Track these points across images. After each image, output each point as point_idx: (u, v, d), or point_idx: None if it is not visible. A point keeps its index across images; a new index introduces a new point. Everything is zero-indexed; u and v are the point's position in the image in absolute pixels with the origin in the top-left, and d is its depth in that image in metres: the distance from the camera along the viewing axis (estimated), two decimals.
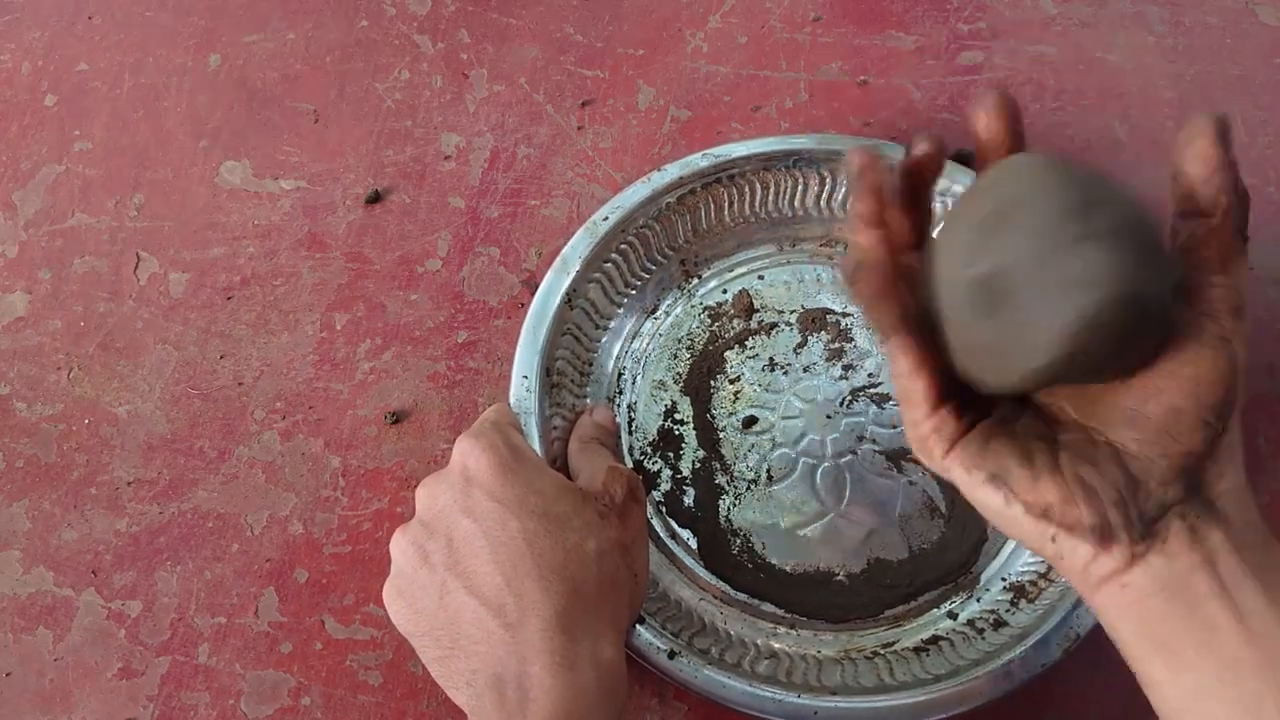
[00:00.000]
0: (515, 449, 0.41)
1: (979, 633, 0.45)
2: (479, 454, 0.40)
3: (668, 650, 0.43)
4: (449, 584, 0.38)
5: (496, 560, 0.37)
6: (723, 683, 0.43)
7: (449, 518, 0.39)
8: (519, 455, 0.41)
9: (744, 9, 0.63)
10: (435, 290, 0.55)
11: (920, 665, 0.44)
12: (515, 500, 0.39)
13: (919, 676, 0.43)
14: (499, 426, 0.42)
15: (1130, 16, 0.62)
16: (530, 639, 0.36)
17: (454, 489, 0.40)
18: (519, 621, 0.37)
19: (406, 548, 0.40)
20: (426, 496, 0.41)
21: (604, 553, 0.39)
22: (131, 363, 0.54)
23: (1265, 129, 0.58)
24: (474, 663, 0.37)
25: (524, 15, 0.63)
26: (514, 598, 0.37)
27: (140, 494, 0.50)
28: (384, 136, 0.59)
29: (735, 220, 0.54)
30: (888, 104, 0.59)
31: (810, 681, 0.44)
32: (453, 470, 0.41)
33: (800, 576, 0.47)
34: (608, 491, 0.41)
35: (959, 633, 0.45)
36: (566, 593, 0.37)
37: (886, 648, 0.45)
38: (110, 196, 0.58)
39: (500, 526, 0.38)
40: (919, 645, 0.45)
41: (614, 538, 0.40)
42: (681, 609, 0.46)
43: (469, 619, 0.37)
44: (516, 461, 0.40)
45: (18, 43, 0.63)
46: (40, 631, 0.48)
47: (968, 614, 0.46)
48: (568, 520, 0.39)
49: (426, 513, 0.40)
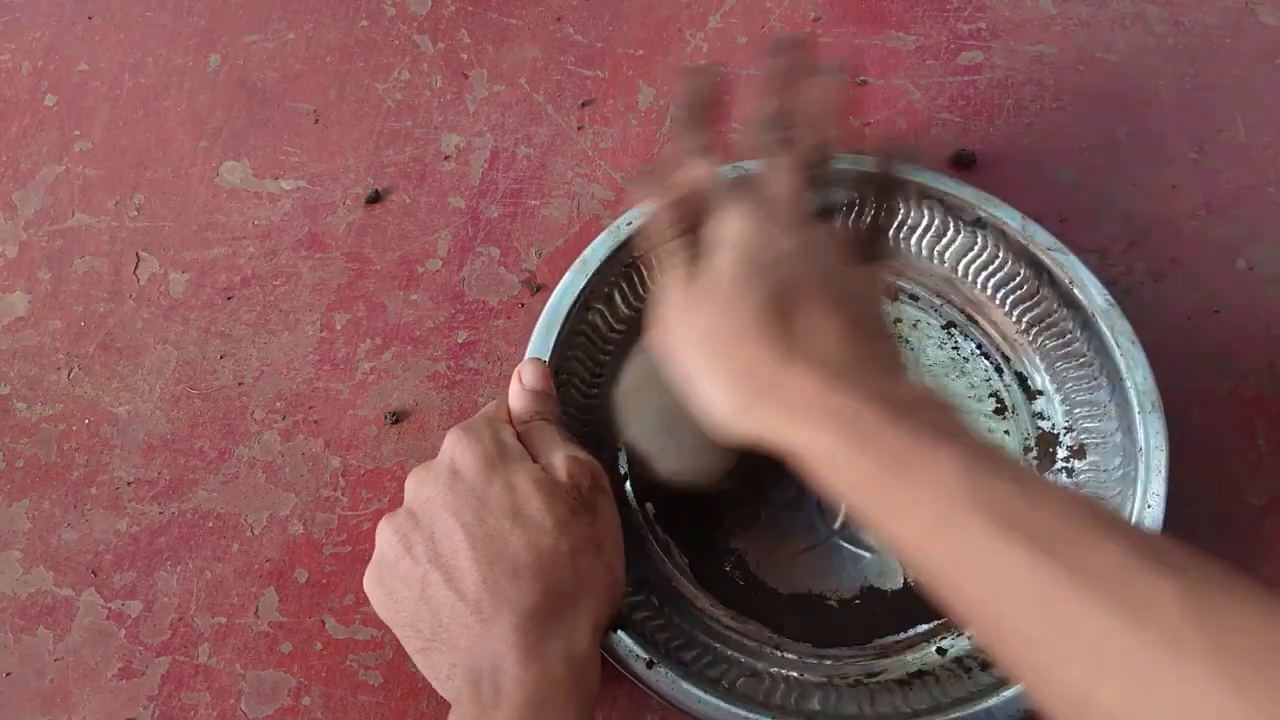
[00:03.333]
0: (501, 444, 0.42)
1: (966, 671, 0.44)
2: (464, 448, 0.41)
3: (646, 659, 0.43)
4: (430, 576, 0.39)
5: (475, 557, 0.38)
6: (699, 697, 0.42)
7: (433, 511, 0.40)
8: (504, 451, 0.41)
9: (744, 9, 0.63)
10: (435, 290, 0.55)
11: (903, 699, 0.43)
12: (495, 498, 0.40)
13: (899, 709, 0.43)
14: (490, 421, 0.43)
15: (1130, 16, 0.62)
16: (503, 634, 0.37)
17: (440, 482, 0.41)
18: (493, 617, 0.37)
19: (390, 537, 0.41)
20: (414, 486, 0.42)
21: (578, 550, 0.39)
22: (131, 363, 0.54)
23: (1265, 129, 0.58)
24: (454, 655, 0.38)
25: (524, 15, 0.63)
26: (490, 594, 0.38)
27: (140, 494, 0.50)
28: (384, 136, 0.59)
29: None
30: (888, 104, 0.59)
31: (788, 704, 0.43)
32: (441, 462, 0.42)
33: (790, 598, 0.47)
34: (575, 485, 0.41)
35: (946, 669, 0.44)
36: (540, 591, 0.38)
37: (871, 678, 0.44)
38: (110, 196, 0.58)
39: (479, 523, 0.39)
40: (903, 678, 0.44)
41: (586, 534, 0.40)
42: (667, 619, 0.46)
43: (448, 612, 0.38)
44: (500, 458, 0.41)
45: (18, 43, 0.63)
46: (40, 631, 0.48)
47: (957, 651, 0.45)
48: (542, 520, 0.39)
49: (413, 503, 0.41)
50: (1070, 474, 0.48)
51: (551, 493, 0.40)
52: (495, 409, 0.45)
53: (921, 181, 0.52)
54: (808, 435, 0.35)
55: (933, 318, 0.53)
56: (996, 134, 0.58)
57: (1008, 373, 0.51)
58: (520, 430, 0.44)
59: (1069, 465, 0.48)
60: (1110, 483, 0.47)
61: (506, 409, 0.45)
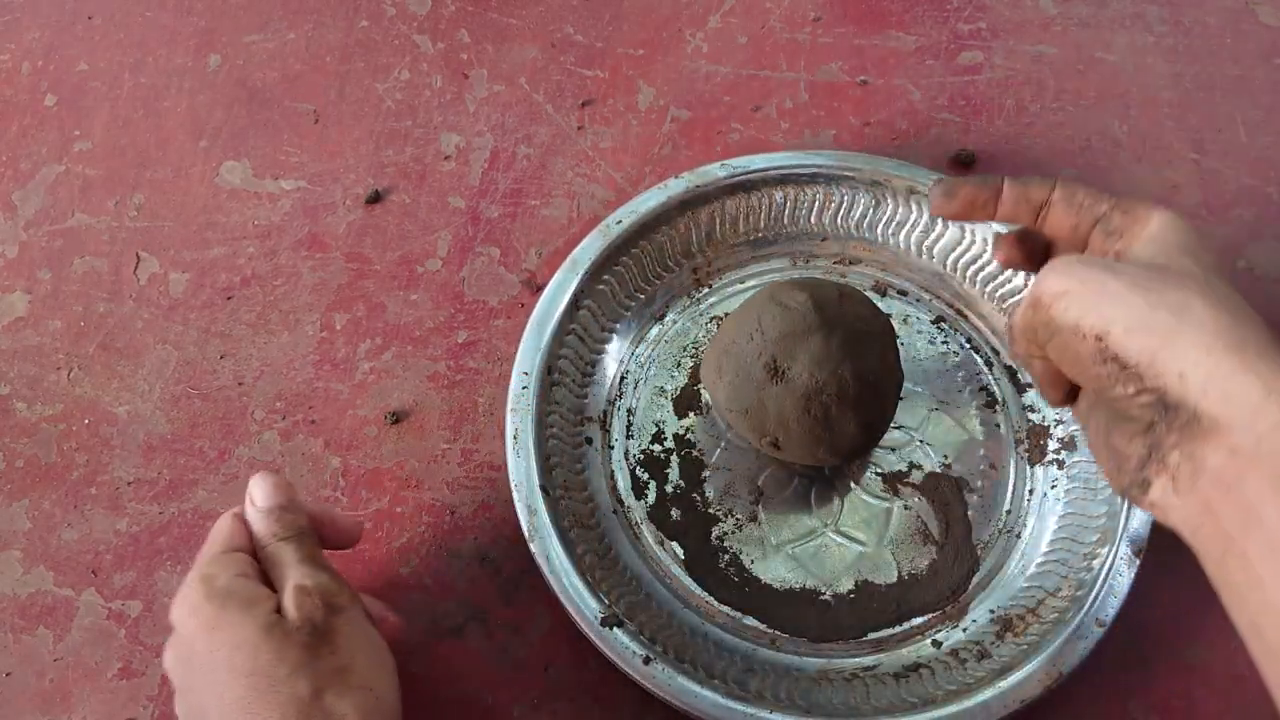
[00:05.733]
0: (223, 598, 0.39)
1: (961, 663, 0.44)
2: (185, 618, 0.39)
3: (644, 656, 0.43)
4: None
5: None
6: (695, 692, 0.42)
7: (183, 675, 0.39)
8: (226, 604, 0.38)
9: (744, 9, 0.63)
10: (435, 290, 0.55)
11: (899, 691, 0.44)
12: (224, 662, 0.37)
13: (894, 703, 0.43)
14: (205, 578, 0.39)
15: (1130, 16, 0.62)
16: None
17: (179, 654, 0.39)
18: None
19: (172, 664, 0.40)
20: (169, 655, 0.40)
21: (321, 690, 0.37)
22: (131, 363, 0.54)
23: (1265, 129, 0.58)
24: None
25: (524, 15, 0.63)
26: None
27: (140, 494, 0.50)
28: (384, 136, 0.59)
29: (750, 232, 0.54)
30: (888, 104, 0.59)
31: (785, 698, 0.43)
32: (175, 630, 0.40)
33: (786, 593, 0.47)
34: (306, 619, 0.38)
35: (941, 661, 0.45)
36: None
37: (867, 671, 0.45)
38: (110, 196, 0.58)
39: (218, 695, 0.37)
40: (899, 671, 0.44)
41: (329, 668, 0.38)
42: (663, 616, 0.46)
43: None
44: (221, 616, 0.38)
45: (18, 43, 0.63)
46: (40, 631, 0.48)
47: (952, 643, 0.45)
48: (275, 671, 0.37)
49: (172, 665, 0.40)
50: (1061, 466, 0.48)
51: (283, 638, 0.37)
52: (228, 534, 0.42)
53: (911, 178, 0.52)
54: None
55: (922, 312, 0.53)
56: (996, 134, 0.58)
57: (998, 366, 0.52)
58: (260, 557, 0.41)
59: (1059, 458, 0.49)
60: (1100, 475, 0.47)
61: (241, 530, 0.42)
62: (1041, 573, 0.46)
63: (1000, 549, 0.48)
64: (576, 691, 0.45)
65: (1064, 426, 0.49)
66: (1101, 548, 0.45)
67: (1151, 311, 0.31)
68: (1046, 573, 0.46)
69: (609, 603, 0.44)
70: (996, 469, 0.49)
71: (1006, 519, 0.48)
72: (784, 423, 0.43)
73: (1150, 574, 0.44)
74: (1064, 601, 0.44)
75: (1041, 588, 0.45)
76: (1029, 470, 0.49)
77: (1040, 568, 0.46)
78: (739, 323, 0.45)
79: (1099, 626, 0.43)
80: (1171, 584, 0.46)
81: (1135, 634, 0.45)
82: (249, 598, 0.39)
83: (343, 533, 0.45)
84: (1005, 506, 0.48)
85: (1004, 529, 0.48)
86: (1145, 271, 0.33)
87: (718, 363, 0.45)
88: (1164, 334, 0.30)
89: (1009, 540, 0.48)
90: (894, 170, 0.53)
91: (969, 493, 0.49)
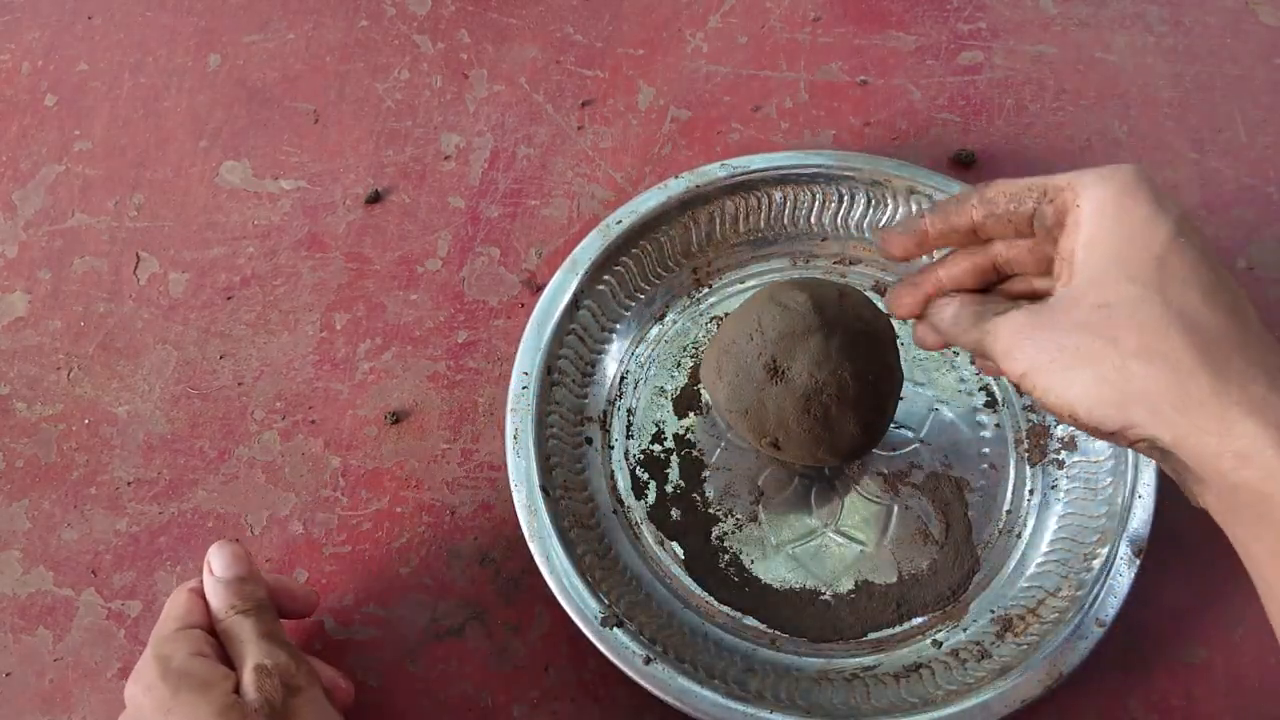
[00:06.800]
0: (177, 679, 0.38)
1: (962, 663, 0.44)
2: (138, 695, 0.38)
3: (644, 656, 0.43)
4: None
5: None
6: (695, 692, 0.42)
7: None
8: (178, 687, 0.37)
9: (744, 9, 0.63)
10: (435, 290, 0.55)
11: (899, 691, 0.44)
12: None
13: (894, 703, 0.43)
14: (160, 658, 0.39)
15: (1130, 16, 0.62)
16: None
17: None
18: None
19: None
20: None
21: None
22: (131, 363, 0.54)
23: (1265, 129, 0.58)
24: None
25: (524, 15, 0.63)
26: None
27: (140, 494, 0.50)
28: (384, 136, 0.59)
29: (750, 232, 0.54)
30: (888, 104, 0.59)
31: (785, 698, 0.43)
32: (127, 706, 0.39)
33: (786, 593, 0.47)
34: (265, 701, 0.37)
35: (941, 661, 0.45)
36: None
37: (867, 671, 0.45)
38: (110, 196, 0.58)
39: None
40: (900, 671, 0.44)
41: None
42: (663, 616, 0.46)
43: None
44: (174, 698, 0.37)
45: (18, 43, 0.63)
46: (40, 631, 0.48)
47: (953, 643, 0.45)
48: None
49: None
50: (1061, 466, 0.48)
51: (239, 715, 0.37)
52: (184, 609, 0.41)
53: (911, 178, 0.52)
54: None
55: None
56: (996, 134, 0.58)
57: None
58: (218, 630, 0.41)
59: (1059, 457, 0.49)
60: (1101, 474, 0.47)
61: (198, 605, 0.42)
62: (1041, 573, 0.46)
63: (1000, 549, 0.48)
64: (576, 691, 0.45)
65: (1064, 426, 0.49)
66: (1101, 548, 0.45)
67: (1099, 388, 0.33)
68: (1046, 573, 0.46)
69: (609, 603, 0.44)
70: (996, 469, 0.49)
71: (1006, 519, 0.48)
72: (784, 423, 0.43)
73: (1150, 574, 0.44)
74: (1064, 601, 0.44)
75: (1041, 588, 0.45)
76: (1029, 470, 0.49)
77: (1040, 568, 0.46)
78: (739, 323, 0.45)
79: (1099, 626, 0.43)
80: (1171, 584, 0.46)
81: (1135, 634, 0.45)
82: (205, 679, 0.38)
83: (299, 601, 0.44)
84: (1005, 506, 0.48)
85: (1004, 529, 0.48)
86: (1086, 335, 0.34)
87: (718, 363, 0.45)
88: (1119, 406, 0.33)
89: (1009, 540, 0.48)
90: (894, 170, 0.53)
91: (969, 492, 0.49)
